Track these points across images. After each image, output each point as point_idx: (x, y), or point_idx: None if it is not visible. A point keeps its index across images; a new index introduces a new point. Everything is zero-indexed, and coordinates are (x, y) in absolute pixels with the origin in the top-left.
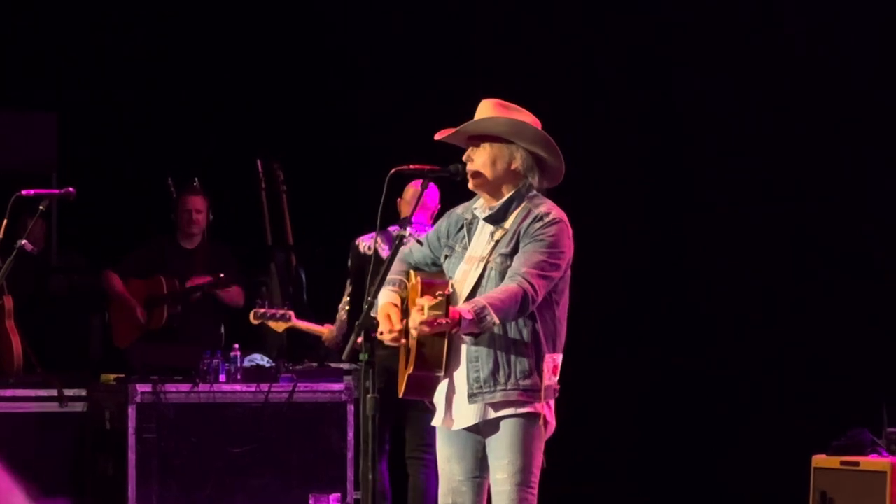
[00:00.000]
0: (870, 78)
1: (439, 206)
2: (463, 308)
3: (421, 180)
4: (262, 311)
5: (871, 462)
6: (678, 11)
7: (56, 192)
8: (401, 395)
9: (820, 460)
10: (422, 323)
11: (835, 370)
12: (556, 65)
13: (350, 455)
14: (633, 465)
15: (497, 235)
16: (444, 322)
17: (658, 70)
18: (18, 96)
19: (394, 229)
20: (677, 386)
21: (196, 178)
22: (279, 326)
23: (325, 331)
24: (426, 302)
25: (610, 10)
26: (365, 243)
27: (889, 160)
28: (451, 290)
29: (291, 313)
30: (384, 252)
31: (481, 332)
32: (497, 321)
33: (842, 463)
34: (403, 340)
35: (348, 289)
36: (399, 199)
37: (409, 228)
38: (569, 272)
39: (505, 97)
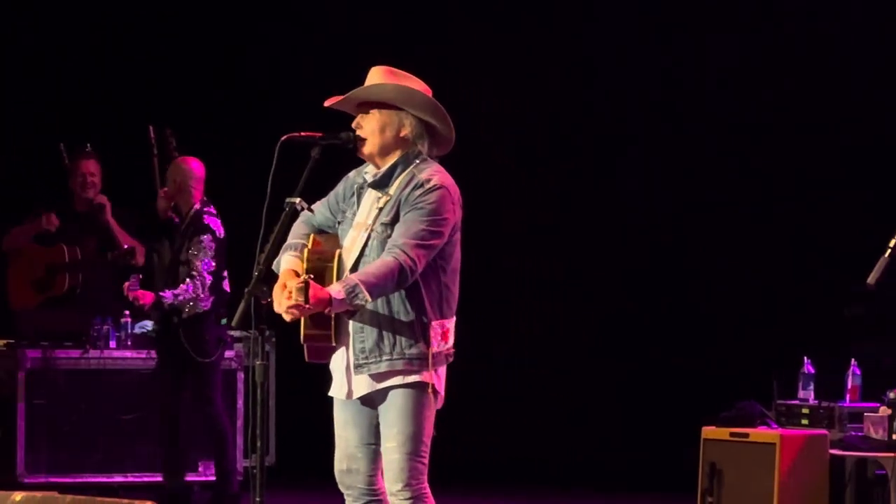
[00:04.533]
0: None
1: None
2: (333, 288)
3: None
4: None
5: (760, 434)
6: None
7: None
8: (307, 360)
9: (709, 432)
10: (289, 308)
11: (725, 342)
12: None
13: (240, 422)
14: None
15: (381, 202)
16: (307, 307)
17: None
18: None
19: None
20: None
21: (88, 144)
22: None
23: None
24: (293, 284)
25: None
26: None
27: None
28: (310, 276)
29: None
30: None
31: (354, 310)
32: (370, 299)
33: (731, 434)
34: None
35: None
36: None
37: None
38: (457, 236)
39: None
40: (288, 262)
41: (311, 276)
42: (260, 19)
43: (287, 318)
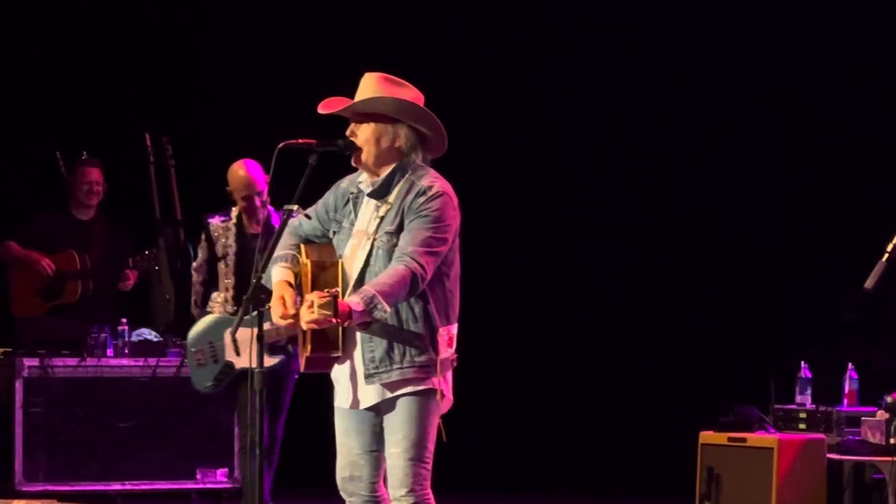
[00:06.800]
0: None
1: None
2: (353, 300)
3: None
4: None
5: (758, 438)
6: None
7: None
8: (302, 370)
9: (707, 436)
10: (311, 322)
11: (725, 347)
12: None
13: (237, 430)
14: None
15: (382, 211)
16: (332, 321)
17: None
18: None
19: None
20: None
21: (84, 152)
22: None
23: None
24: (316, 299)
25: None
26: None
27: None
28: (338, 290)
29: None
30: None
31: (373, 322)
32: (388, 309)
33: (729, 439)
34: (300, 324)
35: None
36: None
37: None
38: (457, 242)
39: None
40: (280, 274)
41: (336, 291)
42: (255, 24)
43: (304, 327)
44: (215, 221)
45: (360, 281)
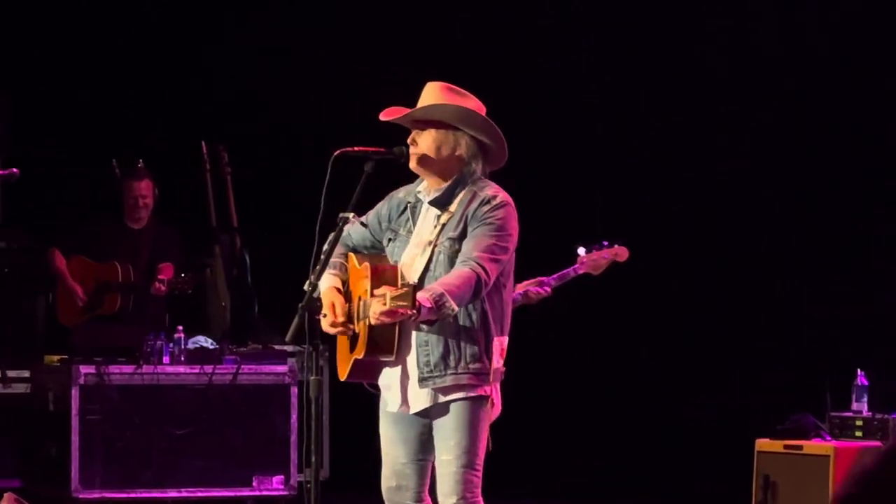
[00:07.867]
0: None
1: None
2: (422, 297)
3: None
4: None
5: (814, 446)
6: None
7: (0, 172)
8: (342, 378)
9: (763, 444)
10: (383, 314)
11: (780, 354)
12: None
13: (293, 437)
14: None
15: (443, 219)
16: (408, 313)
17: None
18: None
19: None
20: (622, 369)
21: (140, 160)
22: None
23: None
24: (388, 292)
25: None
26: None
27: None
28: (415, 280)
29: None
30: None
31: (438, 320)
32: (455, 308)
33: (785, 447)
34: (352, 326)
35: None
36: None
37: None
38: (514, 255)
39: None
40: (329, 280)
41: (415, 283)
42: (307, 31)
43: (373, 321)
44: None
45: (420, 285)
